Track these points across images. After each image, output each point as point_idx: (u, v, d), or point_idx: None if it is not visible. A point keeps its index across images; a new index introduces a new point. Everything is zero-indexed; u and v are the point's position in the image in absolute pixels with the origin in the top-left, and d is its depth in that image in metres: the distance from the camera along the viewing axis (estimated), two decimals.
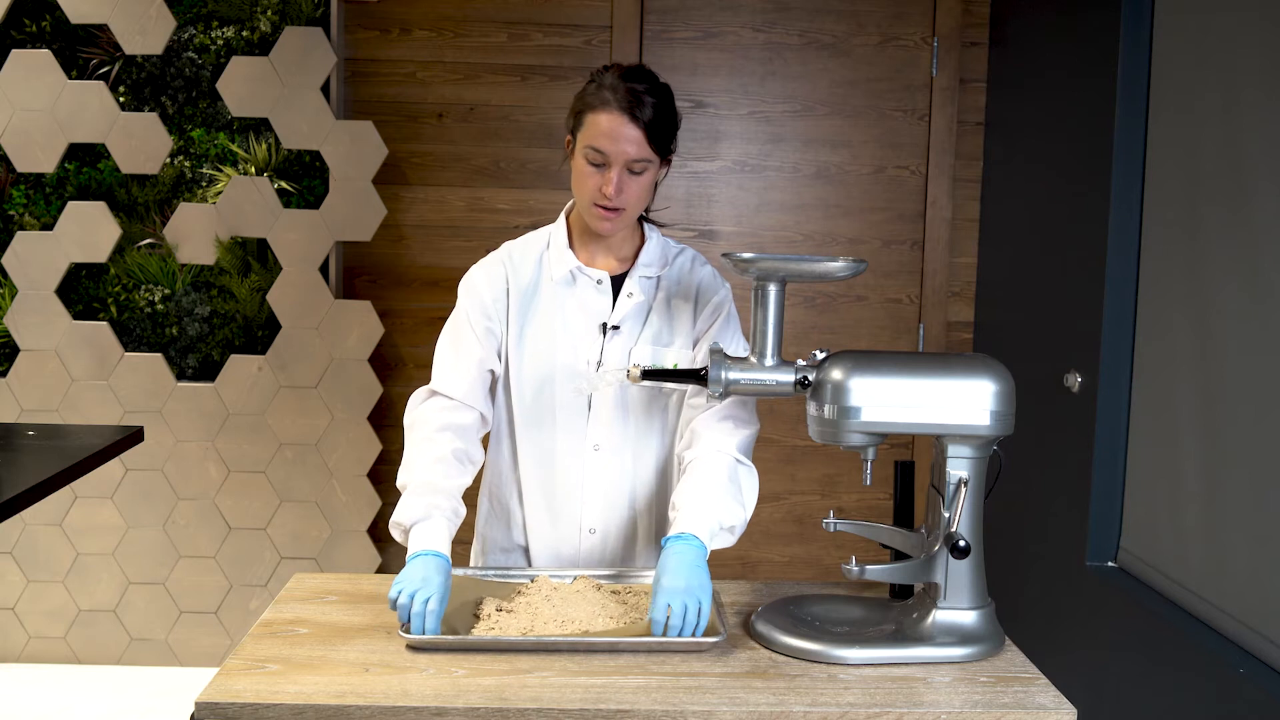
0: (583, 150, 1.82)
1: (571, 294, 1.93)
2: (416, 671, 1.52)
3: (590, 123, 1.81)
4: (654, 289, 1.95)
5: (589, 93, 1.83)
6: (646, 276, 1.94)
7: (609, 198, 1.81)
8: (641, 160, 1.81)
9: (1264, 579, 2.13)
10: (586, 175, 1.82)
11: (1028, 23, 3.37)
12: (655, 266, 1.95)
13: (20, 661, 3.65)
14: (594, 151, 1.80)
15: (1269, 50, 2.16)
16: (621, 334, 1.92)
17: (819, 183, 3.73)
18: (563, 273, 1.92)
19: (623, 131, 1.78)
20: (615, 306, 1.93)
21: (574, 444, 1.94)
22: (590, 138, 1.80)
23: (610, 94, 1.80)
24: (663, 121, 1.82)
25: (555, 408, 1.93)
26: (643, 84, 1.82)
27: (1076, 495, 2.84)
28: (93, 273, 3.62)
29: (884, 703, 1.47)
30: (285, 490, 3.60)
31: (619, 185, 1.81)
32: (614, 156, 1.80)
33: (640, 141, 1.80)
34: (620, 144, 1.79)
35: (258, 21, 3.55)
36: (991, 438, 1.63)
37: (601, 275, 1.92)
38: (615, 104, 1.79)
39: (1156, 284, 2.59)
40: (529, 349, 1.93)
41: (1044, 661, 1.88)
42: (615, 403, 1.93)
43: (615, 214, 1.83)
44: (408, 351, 3.71)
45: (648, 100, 1.80)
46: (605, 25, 3.62)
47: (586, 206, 1.85)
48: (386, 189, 3.61)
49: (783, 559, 3.83)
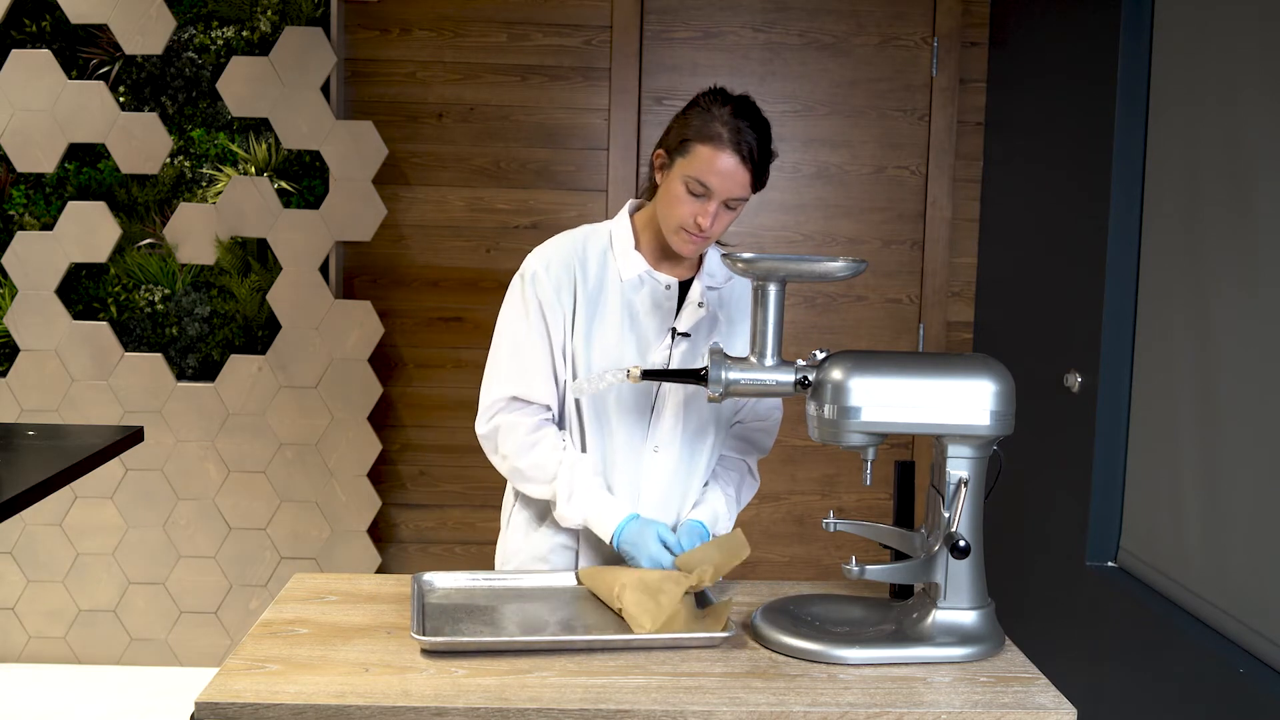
0: (684, 178, 1.82)
1: (639, 297, 1.94)
2: (416, 671, 1.52)
3: (699, 154, 1.81)
4: (719, 300, 1.98)
5: (703, 123, 1.82)
6: (711, 287, 1.97)
7: (704, 229, 1.83)
8: (740, 200, 1.84)
9: (1264, 579, 2.13)
10: (683, 201, 1.83)
11: (1028, 23, 3.37)
12: (719, 278, 1.98)
13: (20, 661, 3.65)
14: (697, 183, 1.81)
15: (1269, 49, 2.16)
16: (690, 340, 1.95)
17: (819, 183, 3.73)
18: (632, 275, 1.93)
19: (733, 173, 1.80)
20: (681, 313, 1.95)
21: (635, 443, 1.95)
22: (697, 170, 1.81)
23: (724, 129, 1.80)
24: (765, 163, 1.85)
25: (620, 408, 1.94)
26: (750, 120, 1.83)
27: (1076, 495, 2.84)
28: (93, 273, 3.62)
29: (884, 703, 1.47)
30: (285, 490, 3.60)
31: (715, 218, 1.83)
32: (719, 193, 1.81)
33: (746, 184, 1.83)
34: (729, 183, 1.81)
35: (258, 21, 3.55)
36: (991, 438, 1.63)
37: (671, 281, 1.94)
38: (729, 143, 1.80)
39: (1156, 284, 2.59)
40: (597, 350, 1.92)
41: (1044, 661, 1.88)
42: (677, 407, 1.96)
43: (703, 240, 1.86)
44: (408, 351, 3.71)
45: (758, 142, 1.82)
46: (605, 25, 3.62)
47: (674, 229, 1.86)
48: (386, 189, 3.61)
49: (783, 559, 3.83)
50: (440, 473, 3.74)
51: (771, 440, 2.13)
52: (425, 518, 3.78)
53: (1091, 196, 2.81)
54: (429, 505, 3.77)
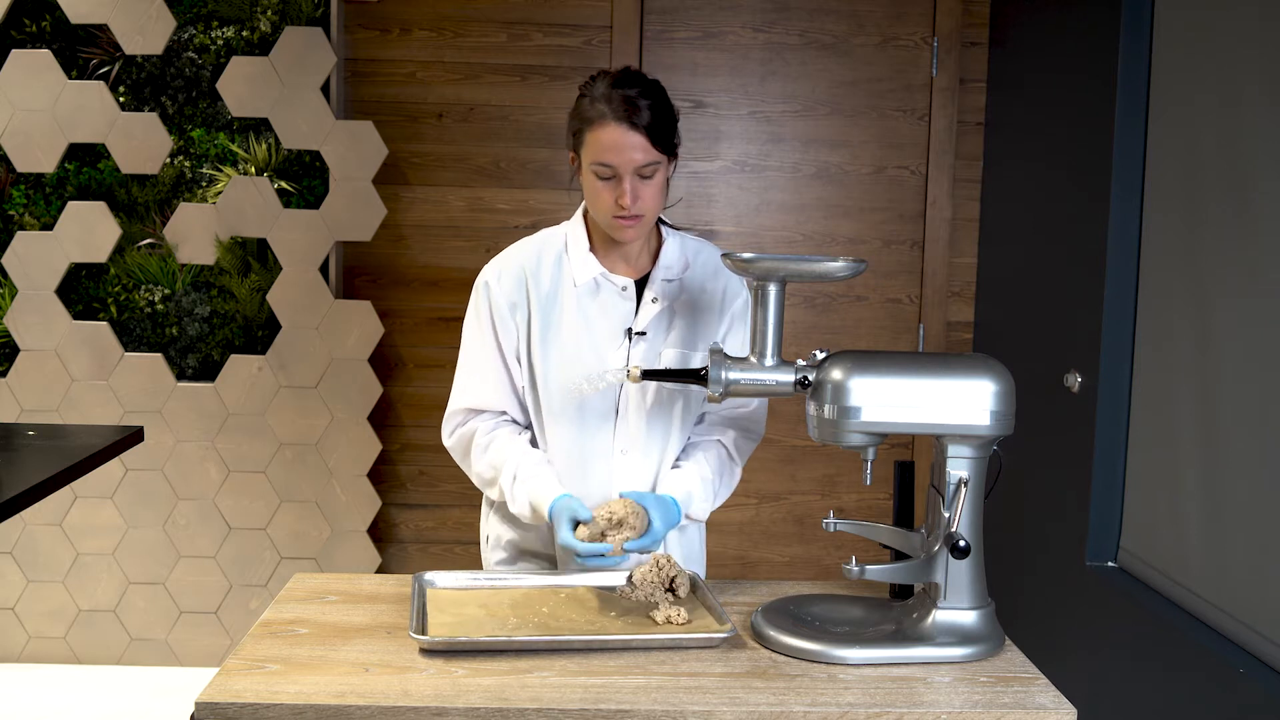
0: (590, 166, 1.83)
1: (595, 300, 1.93)
2: (416, 671, 1.52)
3: (591, 139, 1.81)
4: (677, 291, 1.96)
5: (583, 108, 1.84)
6: (668, 280, 1.95)
7: (626, 208, 1.81)
8: (650, 164, 1.82)
9: (1264, 579, 2.13)
10: (599, 190, 1.83)
11: (1028, 23, 3.37)
12: (676, 269, 1.96)
13: (20, 661, 3.65)
14: (602, 166, 1.81)
15: (1269, 50, 2.16)
16: (647, 339, 1.93)
17: (819, 183, 3.73)
18: (586, 279, 1.93)
19: (625, 141, 1.79)
20: (639, 312, 1.93)
21: (602, 447, 1.94)
22: (595, 153, 1.81)
23: (605, 106, 1.80)
24: (661, 120, 1.82)
25: (584, 413, 1.93)
26: (634, 88, 1.82)
27: (1076, 495, 2.84)
28: (93, 273, 3.62)
29: (884, 703, 1.47)
30: (285, 490, 3.60)
31: (634, 193, 1.81)
32: (622, 167, 1.80)
33: (645, 147, 1.80)
34: (626, 153, 1.79)
35: (258, 21, 3.55)
36: (991, 438, 1.63)
37: (626, 282, 1.93)
38: (612, 115, 1.79)
39: (1156, 284, 2.59)
40: (554, 356, 1.92)
41: (1044, 661, 1.88)
42: (640, 407, 1.94)
43: (635, 221, 1.84)
44: (408, 351, 3.72)
45: (642, 104, 1.80)
46: (605, 25, 3.62)
47: (606, 220, 1.86)
48: (386, 189, 3.61)
49: (783, 559, 3.83)
50: (440, 473, 3.74)
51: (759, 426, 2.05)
52: (425, 518, 3.78)
53: (1091, 196, 2.81)
54: (429, 505, 3.77)
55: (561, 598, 1.78)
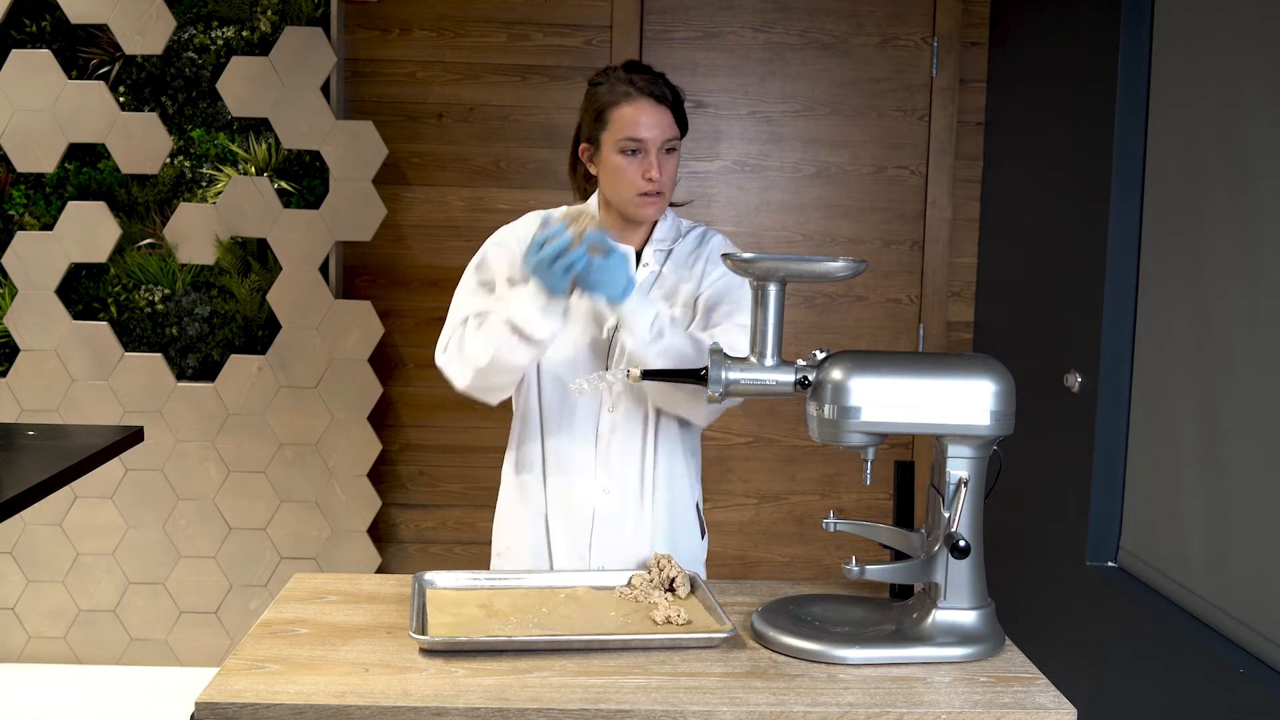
0: (616, 145, 1.92)
1: None
2: (416, 671, 1.52)
3: (618, 117, 1.92)
4: (665, 258, 2.04)
5: (603, 93, 1.94)
6: (660, 249, 2.04)
7: (654, 180, 1.91)
8: (673, 139, 1.94)
9: (1264, 579, 2.13)
10: (624, 168, 1.92)
11: (1028, 23, 3.37)
12: (668, 240, 2.05)
13: (20, 661, 3.65)
14: (630, 141, 1.91)
15: (1269, 50, 2.16)
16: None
17: (819, 183, 3.73)
18: None
19: (655, 115, 1.92)
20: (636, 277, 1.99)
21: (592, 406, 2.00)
22: (623, 129, 1.91)
23: (629, 87, 1.92)
24: (679, 99, 1.97)
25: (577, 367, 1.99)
26: (644, 72, 1.95)
27: (1076, 495, 2.84)
28: (93, 273, 3.62)
29: (884, 703, 1.47)
30: (285, 490, 3.60)
31: (660, 166, 1.92)
32: (651, 141, 1.91)
33: (670, 122, 1.94)
34: (655, 128, 1.91)
35: (258, 21, 3.55)
36: (991, 438, 1.63)
37: (628, 249, 1.98)
38: (638, 94, 1.91)
39: (1156, 284, 2.59)
40: None
41: (1044, 661, 1.88)
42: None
43: (659, 197, 1.94)
44: (408, 351, 3.71)
45: (662, 83, 1.94)
46: (605, 25, 3.62)
47: (630, 199, 1.94)
48: (386, 189, 3.61)
49: (783, 559, 3.83)
50: (440, 473, 3.75)
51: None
52: (425, 518, 3.78)
53: (1091, 196, 2.81)
54: (429, 505, 3.77)
55: (561, 598, 1.78)
